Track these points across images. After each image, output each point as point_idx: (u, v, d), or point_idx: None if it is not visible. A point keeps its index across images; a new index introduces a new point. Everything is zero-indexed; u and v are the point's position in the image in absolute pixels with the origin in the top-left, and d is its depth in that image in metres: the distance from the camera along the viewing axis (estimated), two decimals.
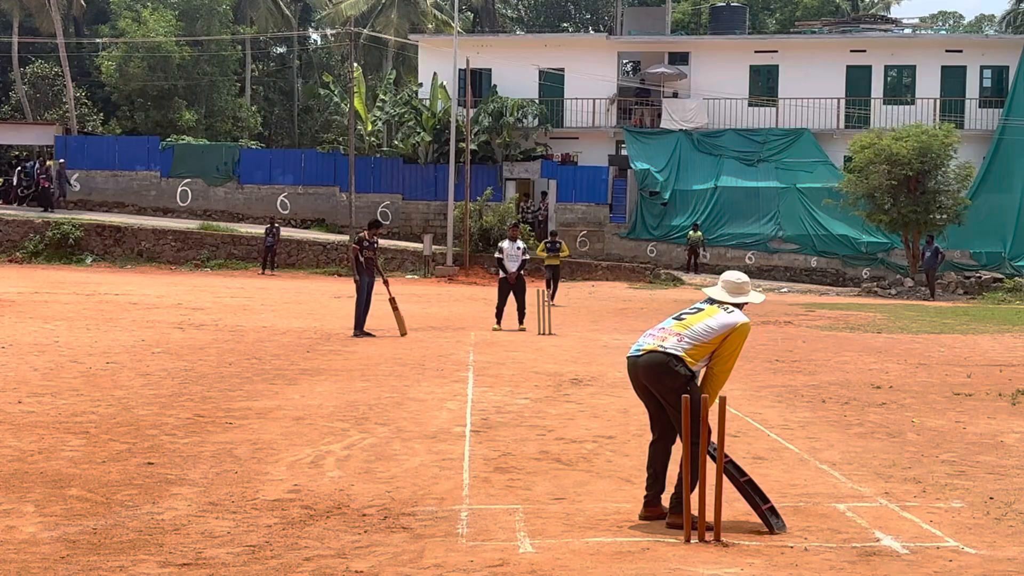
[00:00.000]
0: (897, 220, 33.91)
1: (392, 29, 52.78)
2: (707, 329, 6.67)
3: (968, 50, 42.13)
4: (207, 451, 8.57)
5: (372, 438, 9.28)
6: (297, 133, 59.38)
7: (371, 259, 18.22)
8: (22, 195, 41.68)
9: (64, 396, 10.92)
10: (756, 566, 5.78)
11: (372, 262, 18.24)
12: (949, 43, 43.88)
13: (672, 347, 6.63)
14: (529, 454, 8.77)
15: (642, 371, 6.71)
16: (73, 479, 7.50)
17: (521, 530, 6.49)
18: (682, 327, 6.73)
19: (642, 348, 6.76)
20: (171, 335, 17.01)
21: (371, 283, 18.04)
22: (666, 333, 6.74)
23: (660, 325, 6.90)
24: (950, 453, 9.10)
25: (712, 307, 6.84)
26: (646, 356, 6.69)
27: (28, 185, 41.80)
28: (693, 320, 6.76)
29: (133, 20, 48.57)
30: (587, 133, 42.49)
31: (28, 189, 41.64)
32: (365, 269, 18.04)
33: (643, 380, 6.75)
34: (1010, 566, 5.92)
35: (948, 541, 6.38)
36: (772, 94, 42.27)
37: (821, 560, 5.93)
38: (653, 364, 6.63)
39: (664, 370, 6.60)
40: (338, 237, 38.18)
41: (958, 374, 14.37)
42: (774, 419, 10.64)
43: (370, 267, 18.15)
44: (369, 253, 18.21)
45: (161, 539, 6.15)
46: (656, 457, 6.87)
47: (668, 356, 6.60)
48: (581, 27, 68.79)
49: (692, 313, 6.86)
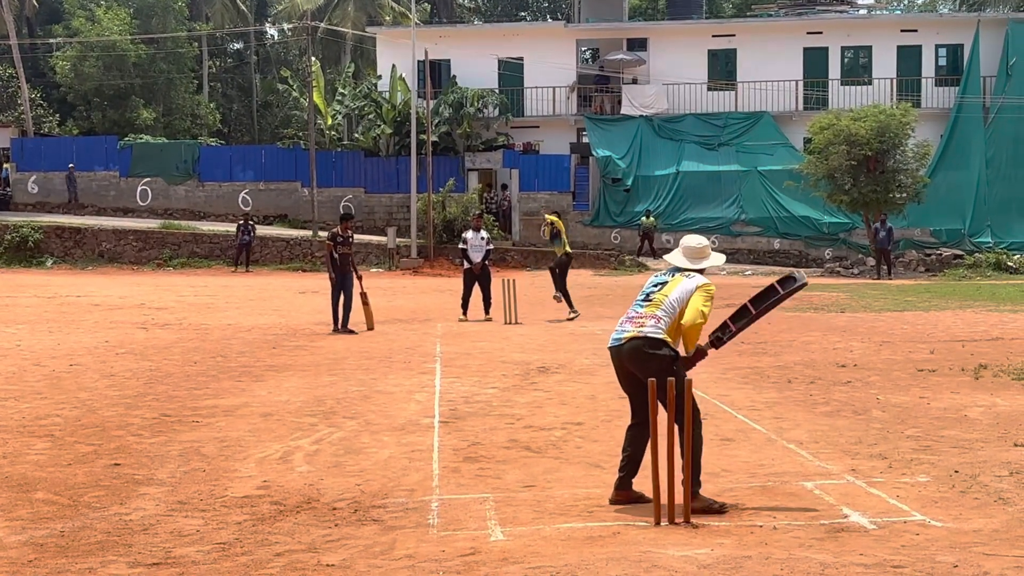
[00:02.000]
0: (858, 200, 34.13)
1: (349, 22, 52.58)
2: (675, 298, 6.76)
3: (923, 29, 42.47)
4: (174, 450, 8.51)
5: (341, 432, 9.26)
6: (257, 129, 59.04)
7: (346, 255, 17.76)
8: None
9: (28, 400, 10.81)
10: (726, 546, 5.82)
11: (347, 257, 17.77)
12: (904, 23, 44.24)
13: (652, 331, 6.69)
14: (498, 443, 8.77)
15: (627, 358, 6.76)
16: (39, 482, 7.43)
17: (492, 519, 6.50)
18: (654, 307, 6.78)
19: (623, 336, 6.80)
20: (135, 335, 16.87)
21: (348, 278, 17.63)
22: (643, 318, 6.78)
23: (632, 311, 6.92)
24: (915, 429, 9.19)
25: (675, 277, 6.88)
26: (628, 344, 6.73)
27: None
28: (660, 297, 6.81)
29: (87, 19, 48.10)
30: (548, 122, 42.50)
31: None
32: (340, 265, 17.60)
33: (628, 367, 6.79)
34: (976, 537, 5.99)
35: (915, 515, 6.45)
36: (731, 78, 42.44)
37: (790, 538, 5.97)
38: (637, 350, 6.69)
39: (649, 356, 6.66)
40: (301, 232, 38.02)
41: (921, 351, 14.51)
42: (741, 400, 10.70)
43: (345, 263, 17.67)
44: (344, 249, 17.74)
45: (130, 539, 6.10)
46: (633, 441, 6.90)
47: (650, 340, 6.66)
48: (539, 16, 68.76)
49: (657, 290, 6.88)
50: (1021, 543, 5.87)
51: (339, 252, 17.64)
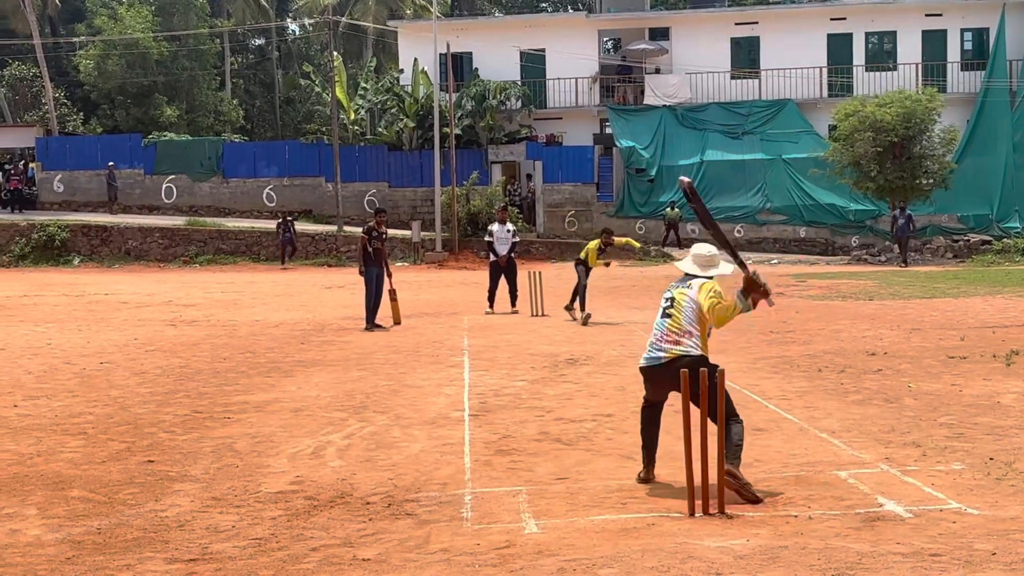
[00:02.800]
0: (884, 187, 33.91)
1: (370, 16, 52.60)
2: (691, 308, 6.91)
3: (948, 13, 42.09)
4: (207, 447, 8.55)
5: (371, 426, 9.28)
6: (279, 125, 59.19)
7: (380, 250, 17.61)
8: (4, 199, 41.52)
9: (60, 398, 10.89)
10: (762, 536, 5.79)
11: (381, 253, 17.64)
12: (929, 7, 43.74)
13: (692, 348, 6.86)
14: (529, 435, 8.77)
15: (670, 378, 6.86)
16: (74, 480, 7.48)
17: (526, 511, 6.49)
18: (678, 325, 6.92)
19: (663, 357, 6.92)
20: (164, 333, 16.96)
21: (380, 275, 17.53)
22: (676, 336, 6.90)
23: (660, 332, 7.00)
24: (948, 416, 9.13)
25: (679, 291, 7.01)
26: (669, 363, 6.87)
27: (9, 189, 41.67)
28: (679, 314, 6.93)
29: (109, 17, 48.32)
30: (571, 113, 42.40)
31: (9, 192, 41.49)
32: (373, 260, 17.49)
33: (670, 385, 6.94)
34: (1013, 525, 5.94)
35: (951, 503, 6.40)
36: (754, 66, 42.22)
37: (826, 527, 5.94)
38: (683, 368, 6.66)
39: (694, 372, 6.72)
40: (326, 228, 38.08)
41: (951, 337, 14.42)
42: (771, 390, 10.66)
43: (379, 258, 17.55)
44: (378, 244, 17.57)
45: (166, 536, 6.14)
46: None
47: (695, 359, 6.80)
48: (560, 7, 68.59)
49: (671, 306, 7.00)
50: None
51: (372, 247, 17.51)
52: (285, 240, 34.80)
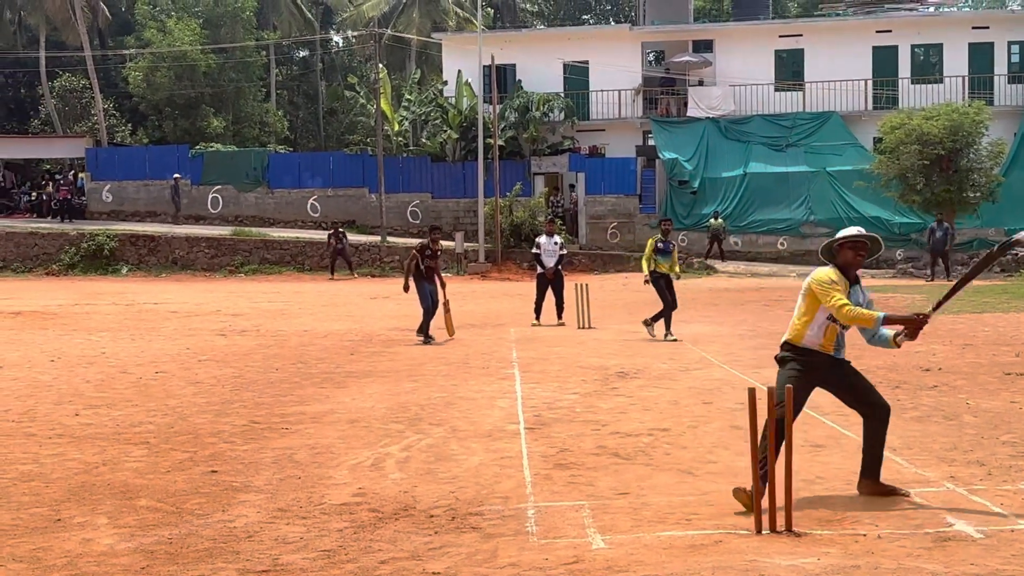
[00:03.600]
0: (930, 200, 33.66)
1: (414, 28, 52.84)
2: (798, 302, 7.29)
3: (995, 26, 41.77)
4: (267, 457, 8.63)
5: (428, 438, 9.32)
6: (323, 136, 59.60)
7: (432, 268, 17.36)
8: (55, 208, 42.09)
9: (119, 407, 11.02)
10: (832, 555, 5.77)
11: (432, 271, 17.38)
12: (975, 19, 43.51)
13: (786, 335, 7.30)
14: (587, 449, 8.78)
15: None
16: (141, 489, 7.58)
17: (590, 526, 6.50)
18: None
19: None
20: (215, 342, 17.12)
21: (433, 290, 17.34)
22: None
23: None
24: (1010, 434, 9.05)
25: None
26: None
27: None
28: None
29: (158, 30, 48.89)
30: (613, 125, 42.43)
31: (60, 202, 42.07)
32: (426, 277, 17.31)
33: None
34: None
35: (1021, 523, 6.35)
36: (798, 78, 42.07)
37: (897, 547, 5.91)
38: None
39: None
40: (369, 238, 38.28)
41: (1006, 353, 14.29)
42: (827, 405, 10.52)
43: (430, 275, 17.34)
44: (431, 262, 17.35)
45: (236, 546, 6.20)
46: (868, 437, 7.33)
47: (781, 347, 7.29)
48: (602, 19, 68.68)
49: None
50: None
51: (424, 265, 17.32)
52: (337, 251, 34.74)
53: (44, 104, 50.93)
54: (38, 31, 50.18)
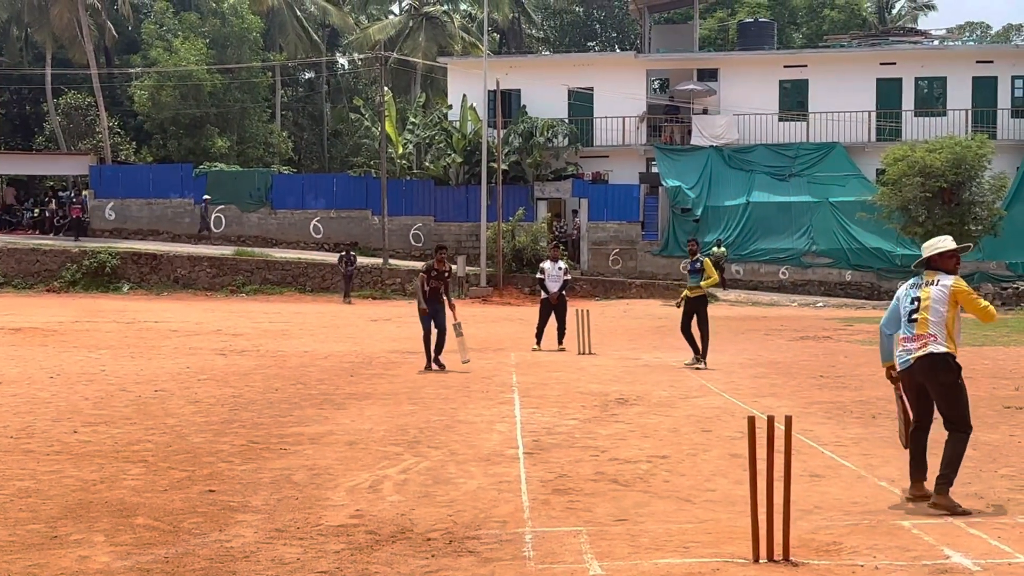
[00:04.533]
0: (932, 232, 33.56)
1: (420, 52, 53.09)
2: (937, 311, 7.55)
3: (999, 60, 41.97)
4: (265, 477, 8.61)
5: (427, 461, 9.31)
6: (327, 157, 59.78)
7: (436, 289, 16.66)
8: (58, 224, 42.18)
9: (118, 425, 11.01)
10: None
11: (437, 291, 16.68)
12: (979, 54, 43.70)
13: (937, 348, 7.51)
14: (585, 475, 8.77)
15: (918, 374, 7.61)
16: (138, 508, 7.56)
17: (588, 552, 6.48)
18: (925, 327, 7.59)
19: (911, 359, 7.62)
20: (214, 362, 17.12)
21: (440, 311, 16.59)
22: (924, 339, 7.57)
23: (907, 335, 7.72)
24: (1008, 467, 9.04)
25: (923, 291, 7.69)
26: (918, 362, 7.57)
27: (63, 215, 42.32)
28: (924, 315, 7.61)
29: (164, 49, 49.11)
30: (617, 151, 42.54)
31: (63, 219, 42.14)
32: (429, 299, 16.54)
33: (920, 380, 7.63)
34: None
35: (1019, 557, 6.33)
36: (802, 108, 42.22)
37: None
38: (928, 366, 7.53)
39: (940, 368, 7.50)
40: (372, 260, 38.33)
41: (1005, 387, 14.28)
42: (826, 436, 10.59)
43: (436, 296, 16.64)
44: (436, 283, 16.62)
45: (233, 567, 6.18)
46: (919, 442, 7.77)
47: (939, 357, 7.49)
48: (608, 46, 68.99)
49: (916, 307, 7.68)
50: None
51: (430, 286, 16.59)
52: (348, 274, 34.46)
53: (49, 121, 51.10)
54: (44, 48, 50.42)
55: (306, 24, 57.83)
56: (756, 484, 6.40)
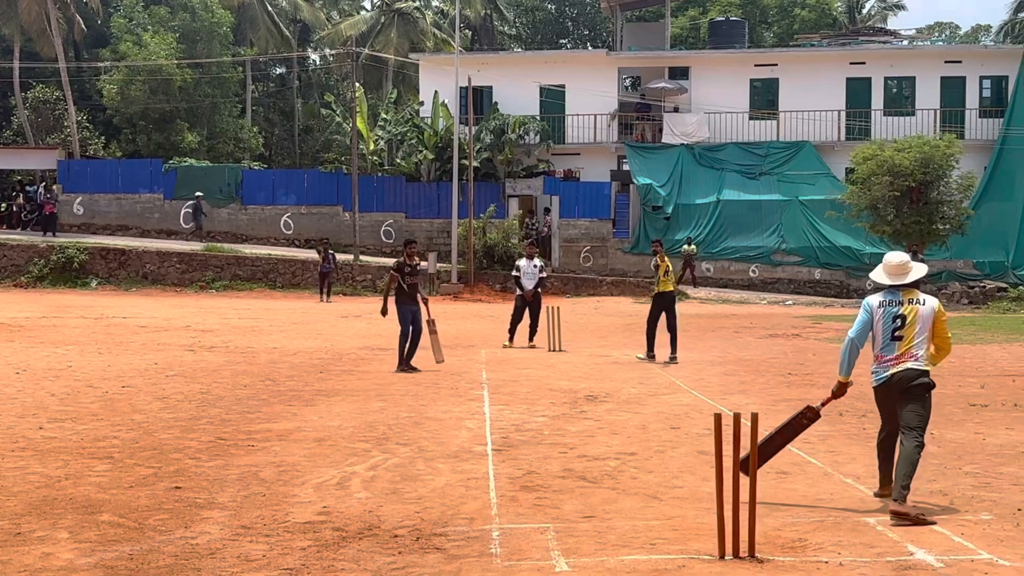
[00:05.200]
0: (900, 231, 33.97)
1: (392, 48, 52.97)
2: (923, 331, 7.60)
3: (967, 61, 42.29)
4: (233, 474, 8.58)
5: (395, 458, 9.30)
6: (298, 153, 59.53)
7: (414, 285, 16.05)
8: (25, 219, 41.80)
9: (84, 421, 10.94)
10: None
11: (416, 288, 16.09)
12: (948, 54, 44.05)
13: (917, 365, 7.56)
14: (553, 472, 8.78)
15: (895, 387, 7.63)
16: (103, 504, 7.51)
17: (554, 549, 6.50)
18: (909, 345, 7.60)
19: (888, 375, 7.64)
20: (183, 358, 17.02)
21: (417, 312, 16.00)
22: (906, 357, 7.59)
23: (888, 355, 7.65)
24: (973, 465, 9.12)
25: (908, 307, 7.65)
26: (897, 375, 7.59)
27: (32, 210, 41.94)
28: (909, 331, 7.60)
29: (134, 43, 48.73)
30: (589, 149, 42.59)
31: (32, 213, 41.76)
32: (408, 296, 15.95)
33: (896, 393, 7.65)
34: None
35: (982, 554, 6.39)
36: (772, 107, 42.40)
37: (857, 575, 5.94)
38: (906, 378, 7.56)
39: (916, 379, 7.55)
40: (342, 256, 38.14)
41: (971, 385, 14.40)
42: None
43: (413, 294, 16.02)
44: (412, 279, 15.99)
45: (198, 564, 6.15)
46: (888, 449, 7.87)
47: (919, 371, 7.56)
48: (580, 43, 69.06)
49: (902, 326, 7.63)
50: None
51: (407, 283, 15.91)
52: (326, 271, 34.06)
53: (17, 115, 50.62)
54: (12, 41, 49.90)
55: (277, 19, 57.53)
56: (722, 481, 6.43)
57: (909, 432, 7.52)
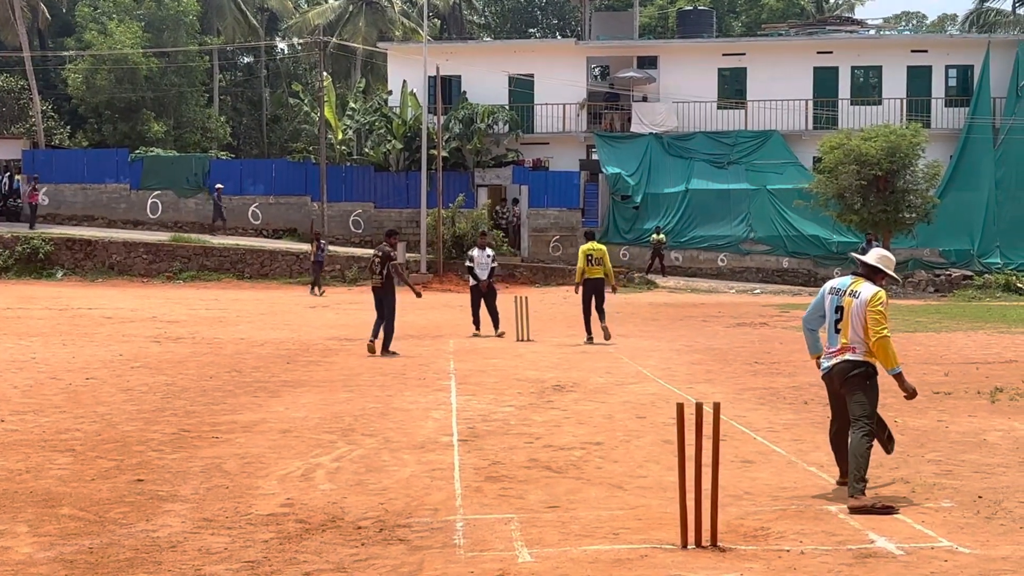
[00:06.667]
0: (867, 220, 34.18)
1: (360, 37, 52.72)
2: (855, 325, 7.48)
3: (933, 50, 42.52)
4: (196, 466, 8.53)
5: (360, 449, 9.27)
6: (266, 143, 59.17)
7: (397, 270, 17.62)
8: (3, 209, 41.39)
9: (47, 413, 10.84)
10: (755, 570, 5.83)
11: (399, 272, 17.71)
12: (914, 43, 44.28)
13: (854, 357, 7.51)
14: (519, 462, 8.78)
15: (836, 379, 7.66)
16: (64, 498, 7.46)
17: (518, 539, 6.51)
18: (846, 338, 7.55)
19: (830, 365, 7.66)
20: (149, 349, 16.91)
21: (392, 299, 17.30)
22: (844, 350, 7.56)
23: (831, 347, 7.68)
24: (935, 453, 9.19)
25: (846, 300, 7.57)
26: (836, 367, 7.61)
27: None
28: (845, 326, 7.55)
29: (99, 32, 48.23)
30: (558, 138, 42.56)
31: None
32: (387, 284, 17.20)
33: (837, 386, 7.70)
34: (1005, 564, 5.99)
35: (942, 541, 6.45)
36: (740, 96, 42.49)
37: (818, 563, 5.98)
38: (843, 370, 7.56)
39: (854, 370, 7.50)
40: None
41: (935, 372, 14.52)
42: (759, 422, 10.71)
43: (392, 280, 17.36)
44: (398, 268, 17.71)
45: (158, 557, 6.12)
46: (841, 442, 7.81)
47: (855, 362, 7.51)
48: (549, 32, 68.97)
49: (840, 319, 7.60)
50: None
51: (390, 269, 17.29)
52: (319, 262, 33.66)
53: None
54: None
55: (244, 7, 57.12)
56: (684, 471, 6.45)
57: (855, 423, 7.55)
